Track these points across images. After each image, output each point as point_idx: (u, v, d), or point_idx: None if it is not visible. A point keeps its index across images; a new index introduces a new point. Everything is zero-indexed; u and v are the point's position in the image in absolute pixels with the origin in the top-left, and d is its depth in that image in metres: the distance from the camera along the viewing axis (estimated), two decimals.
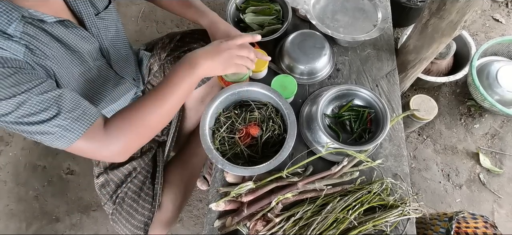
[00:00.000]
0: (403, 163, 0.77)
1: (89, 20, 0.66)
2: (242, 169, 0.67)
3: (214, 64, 0.62)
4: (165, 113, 0.60)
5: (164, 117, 0.61)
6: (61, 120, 0.51)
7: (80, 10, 0.64)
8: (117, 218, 0.82)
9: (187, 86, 0.61)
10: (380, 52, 0.93)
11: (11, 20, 0.50)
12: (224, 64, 0.64)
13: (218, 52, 0.63)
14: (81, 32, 0.64)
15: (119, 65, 0.78)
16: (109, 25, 0.73)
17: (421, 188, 1.31)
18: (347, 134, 0.78)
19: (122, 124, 0.56)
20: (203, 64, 0.61)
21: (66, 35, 0.60)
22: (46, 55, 0.56)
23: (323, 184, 0.69)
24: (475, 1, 0.72)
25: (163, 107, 0.59)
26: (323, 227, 0.64)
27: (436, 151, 1.39)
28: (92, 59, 0.68)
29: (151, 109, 0.58)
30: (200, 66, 0.61)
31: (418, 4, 1.41)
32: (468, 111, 1.46)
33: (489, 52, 1.46)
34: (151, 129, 0.60)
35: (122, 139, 0.56)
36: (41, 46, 0.55)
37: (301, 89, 0.87)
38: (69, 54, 0.62)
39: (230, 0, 0.97)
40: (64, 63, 0.61)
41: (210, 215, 0.71)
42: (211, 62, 0.62)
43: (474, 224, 0.82)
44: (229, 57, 0.64)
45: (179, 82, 0.60)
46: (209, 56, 0.62)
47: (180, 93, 0.60)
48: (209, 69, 0.62)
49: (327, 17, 0.92)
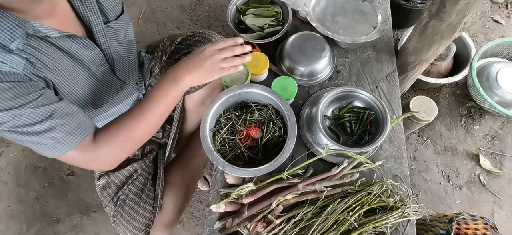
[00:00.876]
0: (403, 164, 0.77)
1: (98, 30, 0.67)
2: (243, 170, 0.67)
3: (197, 75, 0.63)
4: (150, 126, 0.63)
5: (150, 129, 0.64)
6: (55, 133, 0.53)
7: (90, 20, 0.65)
8: (118, 219, 0.82)
9: (170, 100, 0.63)
10: (380, 54, 0.93)
11: (14, 37, 0.50)
12: (207, 73, 0.64)
13: (199, 62, 0.63)
14: (84, 41, 0.64)
15: (122, 72, 0.79)
16: (118, 33, 0.74)
17: (421, 189, 1.31)
18: (347, 135, 0.78)
19: (109, 137, 0.59)
20: (186, 78, 0.62)
21: (69, 46, 0.61)
22: (47, 67, 0.56)
23: (324, 186, 0.69)
24: (475, 3, 0.73)
25: (148, 121, 0.61)
26: (324, 228, 0.65)
27: (436, 152, 1.39)
28: (95, 66, 0.69)
29: (136, 123, 0.60)
30: (182, 80, 0.62)
31: (417, 6, 1.41)
32: (468, 113, 1.46)
33: (489, 54, 1.46)
34: (137, 141, 0.63)
35: (110, 152, 0.59)
36: (42, 57, 0.55)
37: (301, 91, 0.87)
38: (73, 63, 0.62)
39: (231, 2, 0.98)
40: (68, 72, 0.61)
41: (210, 217, 0.72)
42: (194, 74, 0.62)
43: (474, 226, 0.82)
44: (211, 65, 0.64)
45: (163, 96, 0.61)
46: (190, 69, 0.62)
47: (164, 107, 0.62)
48: (192, 81, 0.63)
49: (327, 19, 0.92)
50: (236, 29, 0.95)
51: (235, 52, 0.67)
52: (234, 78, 0.79)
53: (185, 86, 0.63)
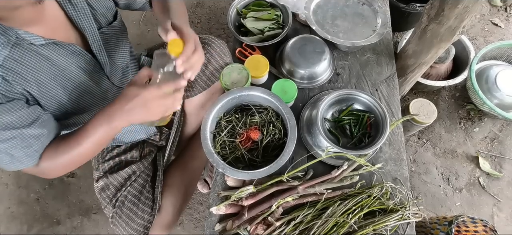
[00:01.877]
0: (403, 166, 0.77)
1: (92, 36, 0.66)
2: (243, 172, 0.68)
3: (132, 119, 0.58)
4: (86, 153, 0.62)
5: (86, 156, 0.63)
6: (15, 151, 0.57)
7: (84, 26, 0.64)
8: (117, 221, 0.82)
9: (103, 136, 0.60)
10: (379, 57, 0.94)
11: None
12: (143, 117, 0.58)
13: (134, 107, 0.56)
14: (72, 48, 0.63)
15: (117, 77, 0.78)
16: (111, 39, 0.73)
17: (421, 191, 1.32)
18: (347, 138, 0.79)
19: (51, 156, 0.62)
20: (120, 121, 0.58)
21: (56, 54, 0.60)
22: (26, 80, 0.56)
23: (323, 188, 0.70)
24: (474, 7, 0.73)
25: (79, 151, 0.60)
26: (323, 231, 0.65)
27: (436, 154, 1.39)
28: (87, 73, 0.68)
29: (70, 151, 0.61)
30: (116, 120, 0.58)
31: (417, 9, 1.42)
32: (467, 115, 1.47)
33: (488, 57, 1.47)
34: (73, 164, 0.64)
35: (52, 168, 0.63)
36: (22, 70, 0.55)
37: (301, 93, 0.87)
38: (60, 71, 0.62)
39: (231, 5, 0.98)
40: (54, 80, 0.61)
41: (210, 219, 0.72)
42: (128, 118, 0.58)
43: (474, 228, 0.83)
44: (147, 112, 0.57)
45: (95, 132, 0.59)
46: (125, 114, 0.57)
47: (96, 141, 0.60)
48: (127, 123, 0.59)
49: (327, 22, 0.93)
50: (236, 32, 0.95)
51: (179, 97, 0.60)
52: (234, 80, 0.79)
53: (119, 125, 0.58)
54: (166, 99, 0.58)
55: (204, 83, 0.88)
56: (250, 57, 0.85)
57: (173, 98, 0.59)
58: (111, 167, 0.85)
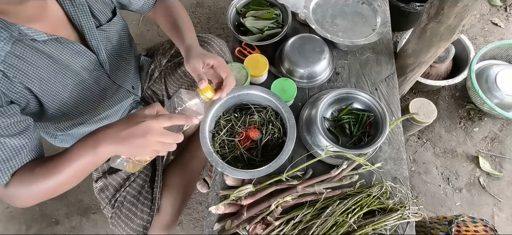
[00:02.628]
0: (403, 166, 0.77)
1: (90, 33, 0.66)
2: (242, 172, 0.67)
3: (122, 149, 0.52)
4: (64, 182, 0.55)
5: (64, 185, 0.56)
6: None
7: (82, 23, 0.64)
8: (116, 221, 0.82)
9: (85, 165, 0.53)
10: (379, 56, 0.94)
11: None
12: (133, 151, 0.53)
13: (131, 135, 0.51)
14: (76, 47, 0.63)
15: (117, 75, 0.78)
16: (111, 36, 0.73)
17: (420, 191, 1.31)
18: (347, 137, 0.78)
19: (23, 183, 0.55)
20: (107, 147, 0.51)
21: (58, 51, 0.60)
22: (27, 76, 0.56)
23: (323, 187, 0.69)
24: (473, 6, 0.73)
25: (61, 177, 0.54)
26: (323, 230, 0.64)
27: (436, 154, 1.39)
28: (87, 72, 0.68)
29: (46, 178, 0.54)
30: (103, 148, 0.51)
31: (416, 8, 1.42)
32: (467, 115, 1.46)
33: (488, 56, 1.47)
34: (50, 193, 0.57)
35: (20, 197, 0.56)
36: (24, 67, 0.55)
37: (301, 92, 0.87)
38: (61, 69, 0.62)
39: (231, 5, 0.98)
40: (55, 78, 0.61)
41: (209, 218, 0.71)
42: (117, 147, 0.51)
43: (474, 228, 0.82)
44: (143, 145, 0.51)
45: (77, 159, 0.53)
46: (117, 140, 0.51)
47: (77, 170, 0.54)
48: (114, 152, 0.53)
49: (327, 21, 0.93)
50: (236, 31, 0.95)
51: (178, 140, 0.55)
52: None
53: (104, 155, 0.52)
54: (167, 136, 0.53)
55: None
56: (250, 56, 0.85)
57: (174, 137, 0.54)
58: (110, 167, 0.85)
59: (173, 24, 0.76)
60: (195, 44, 0.71)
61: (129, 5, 0.78)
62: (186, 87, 0.89)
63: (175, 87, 0.91)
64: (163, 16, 0.80)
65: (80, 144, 0.53)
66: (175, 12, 0.78)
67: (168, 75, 0.92)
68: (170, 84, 0.92)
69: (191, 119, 0.56)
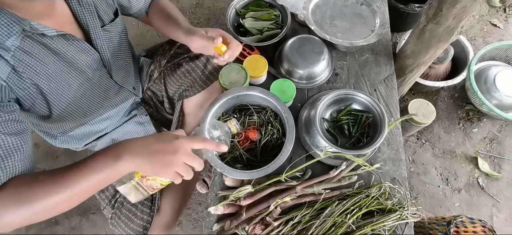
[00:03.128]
0: (402, 167, 0.77)
1: (95, 33, 0.67)
2: (241, 172, 0.68)
3: (146, 165, 0.50)
4: (64, 201, 0.48)
5: (68, 202, 0.49)
6: None
7: (87, 22, 0.65)
8: (116, 222, 0.82)
9: (102, 179, 0.49)
10: (378, 57, 0.94)
11: (10, 33, 0.50)
12: (158, 169, 0.51)
13: (162, 151, 0.50)
14: (82, 45, 0.64)
15: (119, 75, 0.79)
16: (113, 37, 0.74)
17: (419, 192, 1.32)
18: (346, 138, 0.79)
19: (11, 198, 0.47)
20: (130, 161, 0.49)
21: (65, 48, 0.61)
22: (36, 72, 0.56)
23: (322, 188, 0.70)
24: (472, 7, 0.73)
25: (65, 194, 0.47)
26: (322, 231, 0.65)
27: (435, 155, 1.39)
28: (91, 70, 0.69)
29: (49, 191, 0.47)
30: (125, 162, 0.49)
31: (415, 9, 1.42)
32: (466, 116, 1.47)
33: (487, 57, 1.47)
34: (44, 213, 0.48)
35: (6, 214, 0.47)
36: (32, 63, 0.55)
37: (300, 93, 0.87)
38: (67, 67, 0.62)
39: (230, 5, 0.98)
40: (60, 77, 0.61)
41: (209, 219, 0.72)
42: (142, 161, 0.49)
43: (473, 229, 0.83)
44: (170, 163, 0.50)
45: (94, 172, 0.48)
46: (145, 153, 0.49)
47: (91, 184, 0.48)
48: (135, 167, 0.50)
49: (326, 22, 0.93)
50: (235, 32, 0.95)
51: (198, 168, 0.54)
52: (233, 80, 0.79)
53: (125, 169, 0.49)
54: (194, 159, 0.52)
55: (203, 83, 0.88)
56: (249, 57, 0.85)
57: (199, 163, 0.53)
58: None
59: (167, 19, 0.81)
60: (194, 27, 0.75)
61: (129, 8, 0.80)
62: (186, 88, 0.90)
63: (174, 87, 0.92)
64: (157, 14, 0.83)
65: (98, 156, 0.49)
66: (168, 9, 0.83)
67: (168, 76, 0.92)
68: (169, 85, 0.92)
69: (220, 146, 0.57)
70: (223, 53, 0.72)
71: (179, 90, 0.91)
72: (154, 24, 0.85)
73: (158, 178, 0.55)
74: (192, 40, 0.74)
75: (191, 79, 0.89)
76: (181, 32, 0.77)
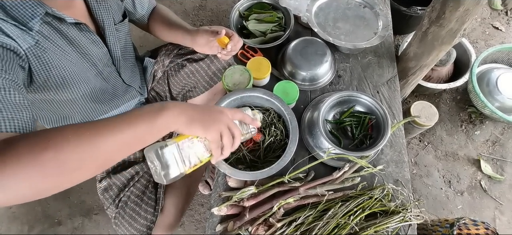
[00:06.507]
0: (404, 169, 0.77)
1: (109, 29, 0.70)
2: (244, 173, 0.68)
3: (194, 115, 0.48)
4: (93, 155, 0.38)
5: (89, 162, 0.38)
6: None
7: (103, 18, 0.68)
8: (119, 221, 0.82)
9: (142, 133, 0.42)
10: (381, 59, 0.94)
11: (34, 15, 0.53)
12: (206, 123, 0.49)
13: (207, 109, 0.51)
14: (93, 37, 0.66)
15: (127, 74, 0.81)
16: (121, 37, 0.76)
17: (422, 194, 1.31)
18: (349, 139, 0.79)
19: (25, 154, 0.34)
20: (176, 115, 0.45)
21: (79, 38, 0.63)
22: (56, 55, 0.58)
23: (325, 189, 0.70)
24: (474, 10, 0.74)
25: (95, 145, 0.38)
26: (325, 232, 0.65)
27: (437, 157, 1.39)
28: (102, 65, 0.71)
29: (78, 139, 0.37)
30: (170, 113, 0.45)
31: (418, 12, 1.42)
32: (468, 118, 1.47)
33: (489, 60, 1.47)
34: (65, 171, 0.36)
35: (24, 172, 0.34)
36: (52, 47, 0.58)
37: (303, 95, 0.88)
38: (81, 58, 0.65)
39: (234, 8, 0.99)
40: (81, 64, 0.64)
41: (212, 220, 0.72)
42: (190, 114, 0.47)
43: (476, 231, 0.82)
44: (217, 120, 0.51)
45: (134, 121, 0.42)
46: (191, 108, 0.48)
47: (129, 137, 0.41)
48: (180, 125, 0.46)
49: (329, 24, 0.94)
50: (239, 34, 0.96)
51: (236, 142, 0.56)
52: (236, 82, 0.80)
53: (166, 123, 0.45)
54: (235, 128, 0.55)
55: (207, 84, 0.88)
56: (252, 59, 0.86)
57: (238, 132, 0.55)
58: (114, 167, 0.86)
59: (169, 24, 0.84)
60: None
61: (133, 13, 0.82)
62: (189, 89, 0.90)
63: (178, 88, 0.92)
64: (158, 21, 0.86)
65: (140, 108, 0.44)
66: (169, 15, 0.87)
67: (171, 76, 0.93)
68: (173, 85, 0.93)
69: (255, 121, 0.63)
70: (226, 45, 0.75)
71: (182, 91, 0.92)
72: (156, 31, 0.88)
73: (198, 149, 0.52)
74: (197, 36, 0.77)
75: (195, 80, 0.89)
76: (185, 33, 0.80)
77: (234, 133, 0.55)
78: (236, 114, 0.58)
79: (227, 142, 0.53)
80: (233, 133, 0.55)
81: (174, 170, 0.48)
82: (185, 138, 0.51)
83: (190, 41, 0.79)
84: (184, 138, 0.51)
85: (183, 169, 0.50)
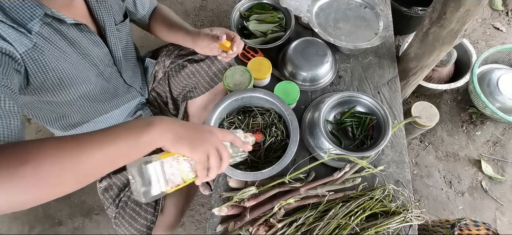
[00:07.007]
0: (405, 169, 0.77)
1: (110, 30, 0.70)
2: (245, 174, 0.68)
3: (182, 133, 0.46)
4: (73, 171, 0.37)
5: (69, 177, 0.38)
6: None
7: (104, 19, 0.68)
8: (120, 222, 0.82)
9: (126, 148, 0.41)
10: (381, 60, 0.94)
11: (33, 16, 0.52)
12: (193, 142, 0.47)
13: (195, 128, 0.49)
14: (94, 38, 0.66)
15: (128, 75, 0.81)
16: (123, 37, 0.76)
17: (423, 194, 1.31)
18: (349, 140, 0.79)
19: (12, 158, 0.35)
20: (162, 131, 0.44)
21: (79, 39, 0.63)
22: (55, 58, 0.58)
23: (325, 190, 0.70)
24: (475, 10, 0.74)
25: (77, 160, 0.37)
26: (326, 232, 0.65)
27: (438, 157, 1.39)
28: (103, 65, 0.71)
29: (58, 152, 0.37)
30: (156, 130, 0.43)
31: (419, 12, 1.42)
32: (469, 119, 1.46)
33: (489, 60, 1.47)
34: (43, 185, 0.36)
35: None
36: (52, 49, 0.57)
37: (304, 95, 0.88)
38: (82, 59, 0.65)
39: (234, 8, 0.99)
40: (81, 65, 0.64)
41: (212, 220, 0.72)
42: (177, 132, 0.45)
43: (476, 231, 0.82)
44: (205, 140, 0.48)
45: (116, 138, 0.40)
46: (179, 125, 0.46)
47: (112, 153, 0.39)
48: (166, 141, 0.44)
49: (330, 25, 0.94)
50: (239, 34, 0.96)
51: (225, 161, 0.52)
52: (237, 82, 0.80)
53: (155, 136, 0.43)
54: (224, 150, 0.51)
55: (207, 84, 0.88)
56: (253, 59, 0.86)
57: (227, 155, 0.52)
58: None
59: (170, 24, 0.84)
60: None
61: (134, 13, 0.82)
62: (190, 89, 0.90)
63: (179, 88, 0.92)
64: (159, 21, 0.86)
65: (125, 123, 0.42)
66: (170, 15, 0.86)
67: (172, 76, 0.93)
68: (173, 86, 0.93)
69: (246, 145, 0.60)
70: (229, 48, 0.74)
71: (183, 92, 0.92)
72: (157, 31, 0.88)
73: (184, 168, 0.49)
74: (198, 39, 0.77)
75: (196, 80, 0.89)
76: (186, 34, 0.79)
77: (222, 155, 0.51)
78: (227, 136, 0.54)
79: (214, 163, 0.50)
80: (221, 155, 0.51)
81: (155, 189, 0.45)
82: (171, 156, 0.48)
83: (191, 42, 0.79)
84: (170, 156, 0.48)
85: (165, 189, 0.47)
